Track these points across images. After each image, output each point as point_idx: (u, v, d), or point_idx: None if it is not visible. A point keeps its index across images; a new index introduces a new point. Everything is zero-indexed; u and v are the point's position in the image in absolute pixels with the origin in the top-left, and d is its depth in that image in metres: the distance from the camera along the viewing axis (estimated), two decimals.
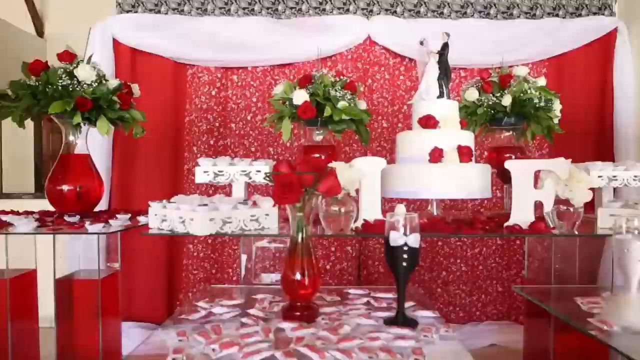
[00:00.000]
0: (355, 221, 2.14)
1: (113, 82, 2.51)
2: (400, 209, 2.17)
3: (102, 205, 3.57)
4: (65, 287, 2.43)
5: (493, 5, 4.19)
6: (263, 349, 1.29)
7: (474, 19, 4.16)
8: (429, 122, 2.40)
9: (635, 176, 2.56)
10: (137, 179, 3.99)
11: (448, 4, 4.18)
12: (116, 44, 3.91)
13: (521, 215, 2.14)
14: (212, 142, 4.08)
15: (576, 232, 2.16)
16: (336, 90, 2.67)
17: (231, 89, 4.10)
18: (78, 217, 2.39)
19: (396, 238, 1.46)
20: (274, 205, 2.23)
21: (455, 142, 2.35)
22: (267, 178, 2.10)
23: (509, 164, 2.17)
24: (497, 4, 4.18)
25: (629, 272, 1.54)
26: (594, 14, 4.15)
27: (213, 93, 4.07)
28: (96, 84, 2.43)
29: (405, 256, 1.46)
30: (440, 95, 2.51)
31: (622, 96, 3.97)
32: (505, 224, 2.14)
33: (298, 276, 1.53)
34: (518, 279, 4.07)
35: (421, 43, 2.58)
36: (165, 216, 2.12)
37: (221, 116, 4.09)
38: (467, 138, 2.40)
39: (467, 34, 4.08)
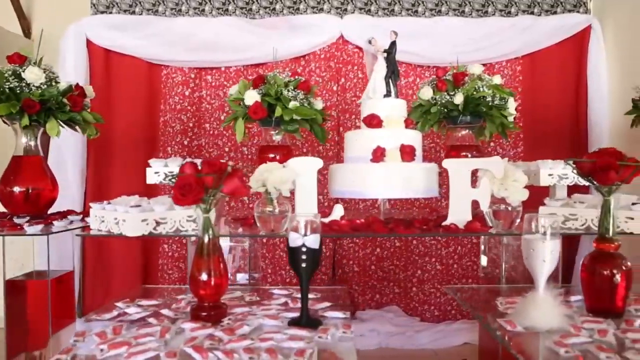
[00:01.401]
0: None
1: (63, 84, 2.53)
2: (338, 209, 2.19)
3: (77, 206, 3.63)
4: (15, 288, 2.45)
5: (468, 3, 4.17)
6: (150, 349, 1.30)
7: (448, 17, 4.16)
8: (372, 121, 2.40)
9: None
10: (112, 179, 4.03)
11: (422, 2, 4.17)
12: (90, 44, 3.94)
13: (458, 214, 2.13)
14: (186, 142, 4.10)
15: (515, 231, 2.15)
16: (289, 91, 2.67)
17: (205, 90, 4.12)
18: (27, 218, 2.41)
19: (295, 239, 1.46)
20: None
21: (399, 141, 2.34)
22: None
23: (446, 163, 2.16)
24: (471, 2, 4.17)
25: (536, 272, 1.53)
26: (569, 11, 4.12)
27: (187, 93, 4.09)
28: (45, 85, 2.45)
29: (304, 257, 1.46)
30: (388, 94, 2.51)
31: (595, 93, 3.94)
32: (443, 223, 2.14)
33: (204, 276, 1.55)
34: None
35: (369, 42, 2.57)
36: (103, 217, 2.14)
37: (195, 116, 4.11)
38: (412, 137, 2.39)
39: (441, 32, 4.08)
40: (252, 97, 2.63)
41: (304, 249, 1.46)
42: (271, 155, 2.74)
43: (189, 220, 2.15)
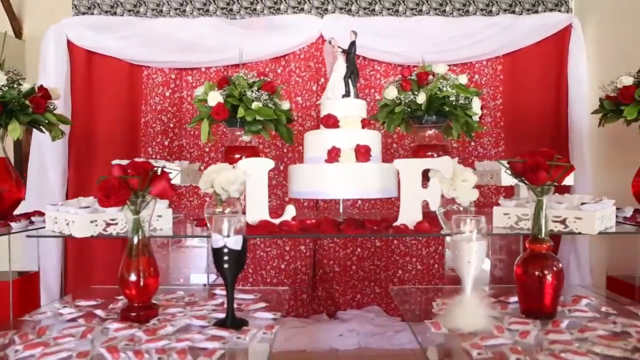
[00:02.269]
0: None
1: (26, 86, 2.55)
2: (290, 209, 2.19)
3: None
4: None
5: (449, 2, 4.15)
6: (64, 350, 1.31)
7: (429, 17, 4.13)
8: (328, 121, 2.40)
9: None
10: (94, 180, 3.97)
11: (403, 1, 4.16)
12: (71, 45, 3.96)
13: (409, 214, 2.12)
14: (166, 143, 4.12)
15: None
16: (253, 92, 2.68)
17: (186, 90, 4.14)
18: None
19: (216, 240, 1.47)
20: (168, 207, 2.25)
21: (355, 141, 2.34)
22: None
23: (396, 163, 2.16)
24: (452, 1, 4.15)
25: (462, 273, 1.52)
26: (551, 10, 4.09)
27: (167, 94, 4.11)
28: (7, 87, 2.47)
29: (225, 258, 1.47)
30: (347, 95, 2.50)
31: (576, 92, 3.90)
32: (394, 224, 2.13)
33: (133, 277, 1.56)
34: None
35: (329, 42, 2.57)
36: (56, 219, 2.16)
37: (176, 117, 4.13)
38: (369, 137, 2.38)
39: (421, 32, 4.07)
40: (214, 98, 2.65)
41: (225, 250, 1.46)
42: (237, 156, 2.74)
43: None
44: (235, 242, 1.46)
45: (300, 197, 2.53)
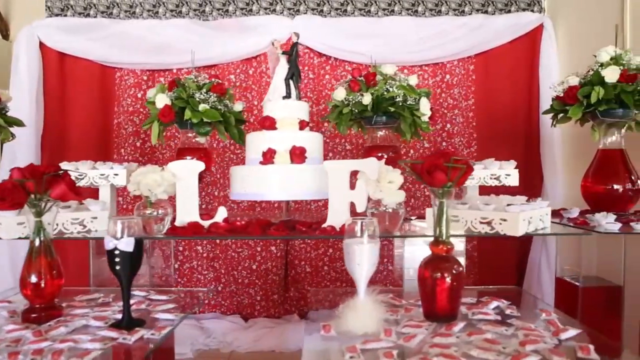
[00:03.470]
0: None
1: None
2: (221, 211, 2.20)
3: None
4: None
5: (421, 2, 4.13)
6: None
7: (400, 17, 4.12)
8: (265, 123, 2.41)
9: (493, 175, 2.51)
10: None
11: (375, 2, 4.15)
12: (43, 47, 4.01)
13: (337, 216, 2.12)
14: (138, 144, 4.15)
15: (397, 233, 2.14)
16: (201, 94, 2.69)
17: None
18: None
19: (108, 242, 1.48)
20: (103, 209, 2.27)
21: (292, 143, 2.34)
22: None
23: (325, 165, 2.16)
24: (425, 1, 4.13)
25: (354, 275, 1.53)
26: (523, 10, 4.06)
27: (139, 95, 4.14)
28: None
29: (117, 259, 1.48)
30: (287, 96, 2.51)
31: (547, 92, 3.83)
32: (323, 226, 2.13)
33: (34, 279, 1.58)
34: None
35: (272, 44, 2.57)
36: None
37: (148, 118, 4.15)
38: (306, 139, 2.38)
39: (393, 32, 4.06)
40: (161, 100, 2.67)
41: (117, 252, 1.48)
42: (188, 158, 2.76)
43: (74, 223, 2.18)
44: (126, 244, 1.48)
45: (239, 198, 2.54)
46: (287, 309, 4.17)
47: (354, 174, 2.15)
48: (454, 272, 1.56)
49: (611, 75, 2.36)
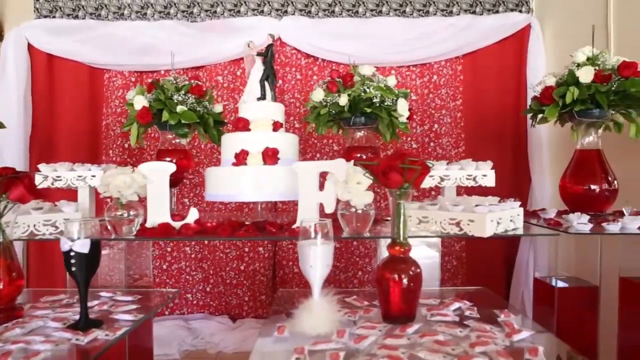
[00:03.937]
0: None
1: None
2: (192, 212, 2.21)
3: None
4: None
5: (409, 3, 4.13)
6: None
7: (388, 17, 4.12)
8: (238, 124, 2.41)
9: (469, 175, 2.50)
10: None
11: (363, 2, 4.15)
12: (31, 49, 4.03)
13: (307, 217, 2.12)
14: (127, 145, 4.17)
15: (366, 234, 2.14)
16: (179, 95, 2.70)
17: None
18: None
19: (63, 243, 1.49)
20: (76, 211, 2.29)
21: (265, 144, 2.35)
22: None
23: (295, 166, 2.16)
24: (412, 2, 4.12)
25: (308, 277, 1.54)
26: (511, 10, 4.05)
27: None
28: None
29: (72, 261, 1.49)
30: (262, 97, 2.51)
31: (534, 92, 3.84)
32: (293, 226, 2.13)
33: None
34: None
35: (248, 45, 2.58)
36: None
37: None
38: (279, 140, 2.39)
39: (381, 33, 4.06)
40: (139, 102, 2.68)
41: (72, 254, 1.48)
42: (167, 159, 2.77)
43: (46, 225, 2.19)
44: (81, 246, 1.48)
45: (214, 199, 2.54)
46: (275, 309, 4.16)
47: (325, 175, 2.15)
48: (411, 273, 1.56)
49: (585, 75, 2.35)
